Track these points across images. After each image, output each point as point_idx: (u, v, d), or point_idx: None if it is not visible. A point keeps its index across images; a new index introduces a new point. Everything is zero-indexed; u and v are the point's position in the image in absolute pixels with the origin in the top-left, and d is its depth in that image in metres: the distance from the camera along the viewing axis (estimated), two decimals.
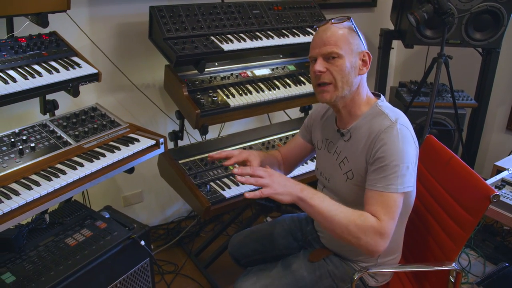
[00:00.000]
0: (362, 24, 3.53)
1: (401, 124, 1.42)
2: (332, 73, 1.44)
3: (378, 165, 1.39)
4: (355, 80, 1.46)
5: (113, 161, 1.83)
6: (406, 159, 1.38)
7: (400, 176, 1.37)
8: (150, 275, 2.01)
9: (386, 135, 1.39)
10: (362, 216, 1.35)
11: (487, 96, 3.10)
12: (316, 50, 1.46)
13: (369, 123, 1.47)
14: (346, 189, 1.53)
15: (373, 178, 1.40)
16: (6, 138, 1.80)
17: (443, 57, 2.63)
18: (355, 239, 1.35)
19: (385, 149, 1.38)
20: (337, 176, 1.56)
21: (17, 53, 1.89)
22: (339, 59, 1.43)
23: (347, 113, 1.53)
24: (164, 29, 2.19)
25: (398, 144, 1.38)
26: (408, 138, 1.41)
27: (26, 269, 1.60)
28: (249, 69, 2.51)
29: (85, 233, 1.81)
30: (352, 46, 1.44)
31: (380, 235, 1.33)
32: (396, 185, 1.37)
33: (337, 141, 1.59)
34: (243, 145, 2.49)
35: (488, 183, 2.11)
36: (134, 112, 2.68)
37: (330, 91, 1.46)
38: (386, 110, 1.47)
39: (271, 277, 1.60)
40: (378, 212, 1.36)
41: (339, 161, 1.55)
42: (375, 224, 1.33)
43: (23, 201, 1.53)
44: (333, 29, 1.45)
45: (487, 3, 2.68)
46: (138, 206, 2.92)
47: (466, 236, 1.58)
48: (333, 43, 1.42)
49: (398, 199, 1.38)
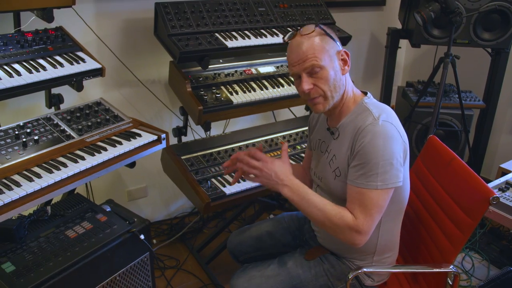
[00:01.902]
0: (371, 23, 3.58)
1: (384, 120, 1.40)
2: (320, 87, 1.43)
3: (358, 161, 1.40)
4: (341, 83, 1.46)
5: (114, 155, 1.85)
6: (389, 155, 1.37)
7: (380, 173, 1.37)
8: (150, 270, 2.02)
9: (367, 132, 1.39)
10: (339, 214, 1.41)
11: (496, 97, 3.06)
12: (296, 67, 1.44)
13: (355, 120, 1.48)
14: (335, 186, 1.53)
15: (353, 174, 1.42)
16: (10, 130, 1.84)
17: (450, 57, 2.61)
18: (333, 233, 1.44)
19: (364, 146, 1.38)
20: (327, 174, 1.57)
21: (23, 47, 1.92)
22: (322, 71, 1.41)
23: (337, 113, 1.54)
24: (169, 25, 2.20)
25: (378, 141, 1.37)
26: (391, 133, 1.39)
27: (26, 259, 1.63)
28: (254, 66, 2.51)
29: (85, 226, 1.83)
30: (329, 51, 1.43)
31: (356, 232, 1.39)
32: (375, 182, 1.37)
33: (328, 140, 1.60)
34: (246, 142, 2.49)
35: (492, 185, 2.10)
36: (139, 108, 2.71)
37: (321, 103, 1.47)
38: (370, 106, 1.47)
39: (267, 275, 1.61)
40: (355, 210, 1.40)
41: (329, 160, 1.56)
42: (351, 222, 1.39)
43: (23, 192, 1.55)
44: (305, 41, 1.42)
45: (496, 3, 2.64)
46: (142, 200, 2.94)
47: (464, 238, 1.57)
48: (311, 56, 1.40)
49: (379, 196, 1.38)
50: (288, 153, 1.60)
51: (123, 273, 1.88)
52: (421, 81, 3.25)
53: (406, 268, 1.79)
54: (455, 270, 1.57)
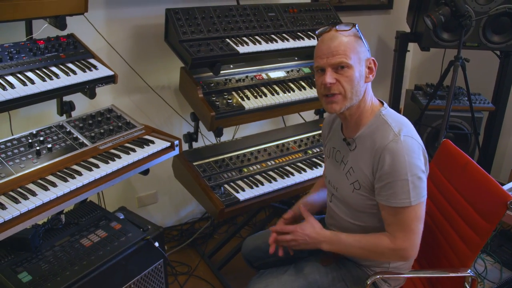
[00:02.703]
0: (378, 27, 3.57)
1: (405, 135, 1.39)
2: (342, 84, 1.41)
3: (386, 180, 1.39)
4: (362, 88, 1.45)
5: (128, 163, 1.85)
6: (415, 170, 1.37)
7: (412, 189, 1.37)
8: (163, 276, 2.02)
9: (390, 150, 1.37)
10: (377, 243, 1.46)
11: (505, 100, 3.06)
12: (324, 60, 1.42)
13: (373, 133, 1.45)
14: (353, 199, 1.52)
15: (383, 194, 1.41)
16: (23, 138, 1.83)
17: (460, 60, 2.60)
18: (382, 259, 1.55)
19: (390, 164, 1.37)
20: (344, 186, 1.55)
21: (35, 55, 1.91)
22: (348, 69, 1.40)
23: (353, 122, 1.51)
24: (180, 31, 2.20)
25: (404, 157, 1.36)
26: (414, 147, 1.39)
27: (42, 269, 1.62)
28: (264, 71, 2.51)
29: (100, 234, 1.82)
30: (360, 54, 1.42)
31: (401, 250, 1.43)
32: (408, 199, 1.37)
33: (343, 150, 1.58)
34: (257, 147, 2.48)
35: (506, 188, 2.08)
36: (149, 114, 2.70)
37: (339, 102, 1.44)
38: (389, 119, 1.45)
39: (284, 280, 1.60)
40: (394, 230, 1.43)
41: (346, 171, 1.54)
42: (391, 245, 1.42)
43: (39, 201, 1.55)
44: (339, 37, 1.41)
45: (506, 6, 2.64)
46: (152, 207, 2.93)
47: (481, 243, 1.56)
48: (342, 53, 1.39)
49: (415, 211, 1.39)
50: (307, 211, 1.63)
51: (138, 280, 1.87)
52: (430, 84, 3.24)
53: (423, 273, 1.78)
54: (473, 275, 1.56)
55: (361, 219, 1.55)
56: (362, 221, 1.55)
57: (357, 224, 1.56)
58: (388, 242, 1.42)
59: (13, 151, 1.75)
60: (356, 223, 1.56)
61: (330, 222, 1.72)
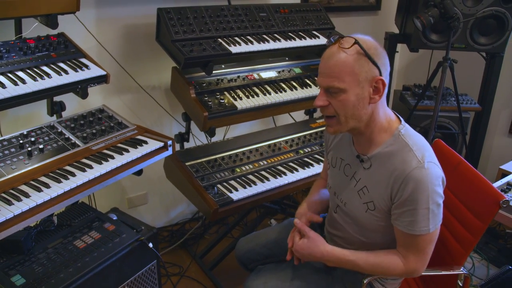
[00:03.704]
0: (367, 28, 3.60)
1: (429, 161, 1.32)
2: (334, 108, 1.34)
3: (407, 207, 1.33)
4: (363, 111, 1.34)
5: (122, 163, 1.83)
6: (436, 198, 1.32)
7: (431, 217, 1.32)
8: (157, 277, 2.01)
9: (414, 177, 1.30)
10: (387, 263, 1.42)
11: (491, 100, 3.11)
12: (320, 79, 1.35)
13: (392, 155, 1.37)
14: (365, 219, 1.47)
15: (403, 220, 1.35)
16: (14, 139, 1.80)
17: (448, 61, 2.64)
18: (390, 276, 1.51)
19: (413, 192, 1.30)
20: (355, 203, 1.49)
21: (26, 54, 1.88)
22: (341, 93, 1.30)
23: (365, 139, 1.43)
24: (172, 31, 2.19)
25: (427, 185, 1.29)
26: (436, 174, 1.32)
27: (35, 271, 1.60)
28: (256, 71, 2.51)
29: (94, 236, 1.81)
30: (359, 76, 1.29)
31: (411, 271, 1.42)
32: (428, 227, 1.33)
33: (355, 167, 1.50)
34: (249, 147, 2.48)
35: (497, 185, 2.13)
36: (139, 114, 2.68)
37: (333, 125, 1.38)
38: (410, 141, 1.36)
39: (282, 279, 1.60)
40: (407, 253, 1.40)
41: (358, 189, 1.47)
42: (402, 268, 1.41)
43: (33, 203, 1.53)
44: (337, 56, 1.29)
45: (493, 8, 2.69)
46: (142, 208, 2.91)
47: (475, 241, 1.59)
48: (335, 76, 1.29)
49: (431, 236, 1.36)
50: (303, 225, 1.56)
51: (132, 282, 1.86)
52: (418, 84, 3.29)
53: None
54: (466, 272, 1.59)
55: (370, 236, 1.51)
56: (371, 238, 1.51)
57: (364, 240, 1.53)
58: (399, 263, 1.40)
59: (4, 152, 1.72)
60: (363, 239, 1.53)
61: (334, 232, 1.65)
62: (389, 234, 1.45)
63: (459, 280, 1.62)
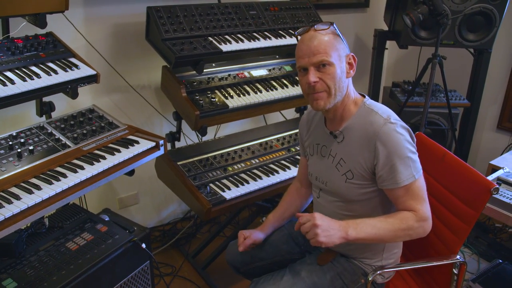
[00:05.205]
0: (356, 25, 3.61)
1: (394, 118, 1.47)
2: (325, 81, 1.45)
3: (389, 164, 1.43)
4: (345, 84, 1.50)
5: (114, 164, 1.81)
6: (410, 147, 1.45)
7: (412, 165, 1.44)
8: (150, 278, 1.99)
9: (384, 133, 1.43)
10: (401, 219, 1.45)
11: (479, 96, 3.15)
12: (306, 59, 1.46)
13: (362, 122, 1.50)
14: (346, 189, 1.55)
15: (391, 177, 1.44)
16: (3, 141, 1.77)
17: (437, 57, 2.66)
18: (408, 237, 1.49)
19: (389, 147, 1.43)
20: (335, 178, 1.57)
21: (14, 54, 1.85)
22: (330, 67, 1.45)
23: (338, 116, 1.56)
24: (162, 29, 2.17)
25: (399, 137, 1.43)
26: (404, 129, 1.46)
27: (27, 275, 1.58)
28: (246, 69, 2.51)
29: (86, 237, 1.79)
30: (340, 51, 1.46)
31: (424, 221, 1.45)
32: (413, 173, 1.44)
33: (330, 144, 1.60)
34: (241, 146, 2.48)
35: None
36: (129, 114, 2.66)
37: (323, 98, 1.48)
38: (375, 108, 1.51)
39: (282, 287, 1.55)
40: (411, 205, 1.46)
41: (336, 163, 1.57)
42: (415, 217, 1.44)
43: (24, 205, 1.50)
44: (318, 36, 1.45)
45: (480, 5, 2.72)
46: (133, 208, 2.89)
47: (468, 229, 1.60)
48: (322, 52, 1.43)
49: (420, 183, 1.47)
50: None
51: (125, 282, 1.85)
52: (407, 81, 3.31)
53: (419, 263, 1.74)
54: (462, 260, 1.59)
55: (354, 209, 1.56)
56: (355, 211, 1.56)
57: (348, 214, 1.57)
58: (411, 215, 1.44)
59: None
60: (347, 213, 1.57)
61: None
62: (369, 203, 1.55)
63: (455, 268, 1.63)
